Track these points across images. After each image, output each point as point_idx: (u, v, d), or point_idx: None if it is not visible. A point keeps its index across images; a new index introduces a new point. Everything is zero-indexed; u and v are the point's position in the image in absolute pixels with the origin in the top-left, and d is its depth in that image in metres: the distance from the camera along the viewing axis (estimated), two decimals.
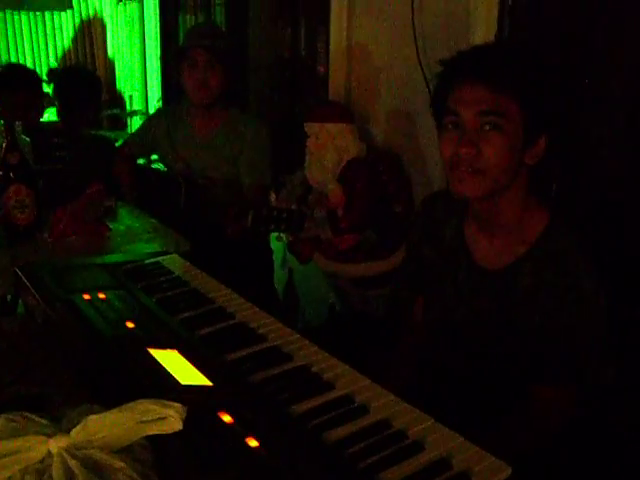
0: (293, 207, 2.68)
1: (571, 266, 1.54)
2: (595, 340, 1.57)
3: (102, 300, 1.52)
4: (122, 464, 0.97)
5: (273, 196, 2.95)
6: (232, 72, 3.07)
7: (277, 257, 3.45)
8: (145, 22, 5.77)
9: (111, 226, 2.51)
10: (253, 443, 1.05)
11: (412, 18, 2.79)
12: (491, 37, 2.44)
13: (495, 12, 2.45)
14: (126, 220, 2.66)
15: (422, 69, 2.72)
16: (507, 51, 1.58)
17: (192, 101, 3.07)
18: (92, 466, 0.96)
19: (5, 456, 0.95)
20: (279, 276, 3.56)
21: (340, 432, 1.13)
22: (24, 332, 1.69)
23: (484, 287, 1.68)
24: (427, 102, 1.68)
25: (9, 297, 2.77)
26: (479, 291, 1.69)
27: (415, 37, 2.78)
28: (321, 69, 3.61)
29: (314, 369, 1.31)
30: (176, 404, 1.00)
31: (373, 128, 3.23)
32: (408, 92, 2.93)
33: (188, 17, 5.31)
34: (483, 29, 2.48)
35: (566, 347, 1.56)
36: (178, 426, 0.99)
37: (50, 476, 0.94)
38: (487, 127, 1.49)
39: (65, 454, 0.96)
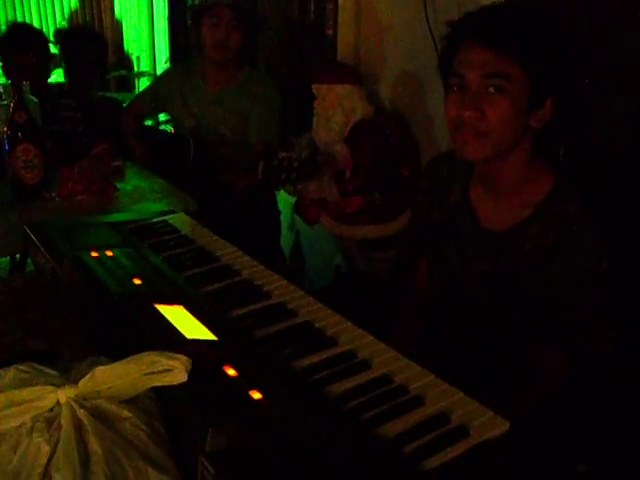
0: (304, 155, 2.69)
1: (574, 230, 1.55)
2: (595, 306, 1.59)
3: (110, 257, 1.54)
4: (129, 414, 1.00)
5: (282, 154, 2.96)
6: (252, 33, 3.09)
7: (284, 219, 3.46)
8: None
9: (118, 186, 2.53)
10: (256, 395, 1.07)
11: None
12: None
13: None
14: (134, 180, 2.67)
15: (431, 31, 2.69)
16: (513, 13, 1.56)
17: (209, 57, 3.07)
18: (100, 415, 0.99)
19: (16, 405, 0.98)
20: (286, 238, 3.59)
21: (342, 386, 1.16)
22: (33, 289, 1.72)
23: (488, 248, 1.69)
24: (435, 64, 1.67)
25: (18, 256, 2.79)
26: (483, 252, 1.70)
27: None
28: (329, 31, 3.58)
29: (318, 325, 1.34)
30: (182, 356, 1.03)
31: (381, 90, 3.22)
32: (416, 54, 2.91)
33: None
34: None
35: (566, 311, 1.58)
36: (183, 378, 1.01)
37: (59, 424, 0.97)
38: (492, 90, 1.49)
39: (73, 404, 0.99)
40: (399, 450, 1.03)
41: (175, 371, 1.01)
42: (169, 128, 3.50)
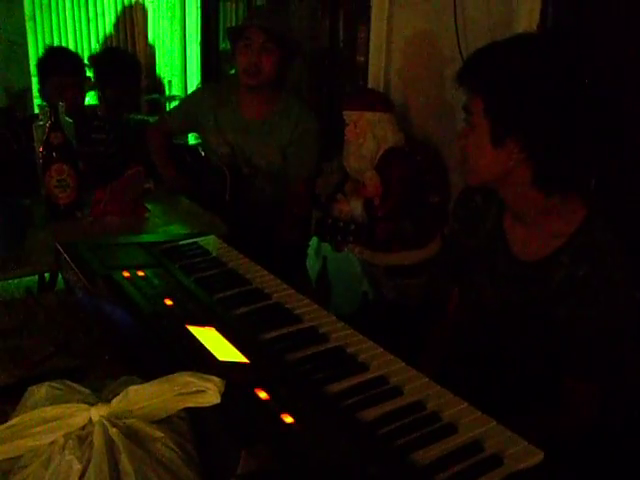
0: (360, 219, 2.67)
1: (607, 261, 1.54)
2: (628, 336, 1.56)
3: (141, 278, 1.55)
4: (161, 434, 0.99)
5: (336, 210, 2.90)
6: (288, 56, 2.94)
7: (312, 245, 3.46)
8: (186, 8, 5.82)
9: (149, 207, 2.54)
10: (288, 419, 1.06)
11: (454, 7, 2.78)
12: (533, 27, 2.42)
13: (539, 2, 2.43)
14: (165, 202, 2.68)
15: (463, 59, 2.70)
16: (488, 54, 1.58)
17: (242, 82, 2.92)
18: (132, 435, 0.98)
19: (48, 421, 0.98)
20: (313, 264, 3.58)
21: (374, 412, 1.14)
22: (63, 307, 1.73)
23: (520, 278, 1.68)
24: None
25: (47, 275, 2.81)
26: (514, 282, 1.69)
27: (456, 26, 2.77)
28: (360, 58, 3.60)
29: (349, 350, 1.33)
30: (215, 378, 1.02)
31: (411, 117, 3.23)
32: (447, 81, 2.92)
33: (229, 3, 5.33)
34: (526, 20, 2.46)
35: (598, 342, 1.56)
36: (216, 399, 1.01)
37: (91, 442, 0.97)
38: (465, 124, 1.60)
39: (106, 422, 0.98)
40: (432, 478, 1.01)
41: (208, 392, 1.01)
42: (191, 141, 3.45)
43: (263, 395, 1.11)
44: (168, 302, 1.44)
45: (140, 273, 1.57)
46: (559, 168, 1.53)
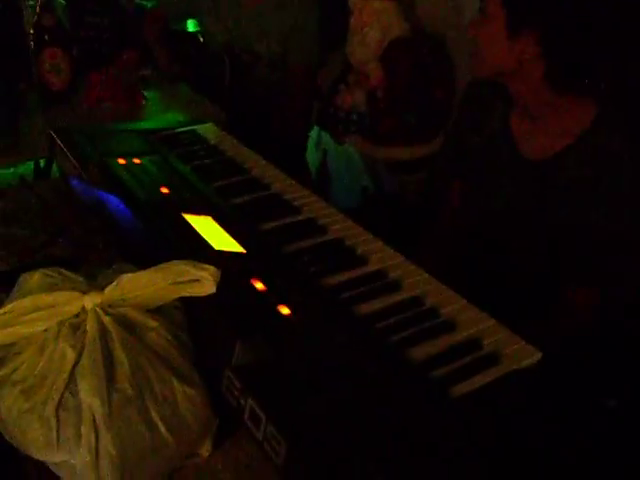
0: (363, 109, 2.60)
1: (615, 164, 1.49)
2: (630, 243, 1.54)
3: (137, 165, 1.51)
4: (155, 323, 0.98)
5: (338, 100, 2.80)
6: None
7: (312, 137, 3.40)
8: None
9: (146, 94, 2.47)
10: (285, 311, 1.05)
11: None
12: None
13: None
14: (162, 89, 2.61)
15: None
16: None
17: None
18: (125, 323, 0.97)
19: (42, 309, 0.96)
20: (312, 157, 3.52)
21: (372, 306, 1.13)
22: (58, 195, 1.70)
23: (525, 177, 1.64)
24: None
25: (42, 162, 2.76)
26: (520, 181, 1.65)
27: None
28: None
29: (348, 243, 1.30)
30: (210, 267, 1.00)
31: (418, 8, 3.10)
32: None
33: None
34: None
35: (599, 246, 1.53)
36: (212, 289, 0.99)
37: (84, 330, 0.95)
38: (481, 12, 1.54)
39: (99, 310, 0.97)
40: (428, 374, 1.00)
41: (203, 282, 0.99)
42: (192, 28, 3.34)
43: (259, 286, 1.10)
44: (164, 190, 1.40)
45: (136, 160, 1.53)
46: (573, 65, 1.48)
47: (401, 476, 0.84)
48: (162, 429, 0.91)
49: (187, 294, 1.00)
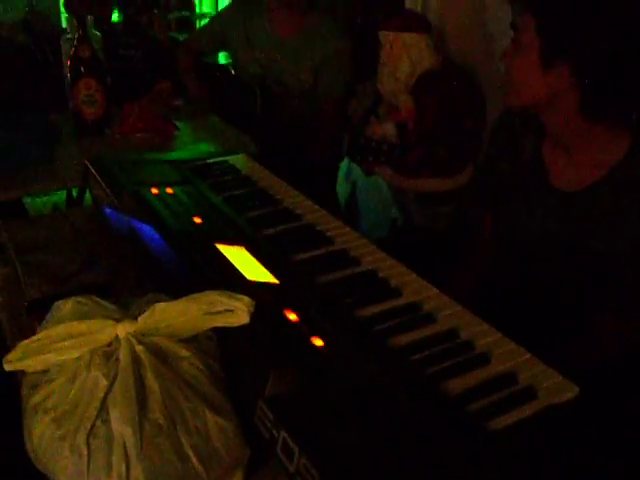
0: (394, 140, 2.60)
1: None
2: None
3: (170, 195, 1.51)
4: (188, 353, 0.97)
5: (369, 132, 2.81)
6: None
7: (342, 168, 3.40)
8: None
9: (178, 125, 2.49)
10: (318, 342, 1.04)
11: None
12: None
13: None
14: (194, 120, 2.63)
15: None
16: None
17: None
18: (158, 353, 0.96)
19: (75, 337, 0.96)
20: (342, 189, 3.53)
21: (406, 338, 1.12)
22: (91, 223, 1.71)
23: (557, 208, 1.62)
24: (506, 17, 1.62)
25: (75, 191, 2.79)
26: (552, 212, 1.63)
27: None
28: None
29: (381, 275, 1.29)
30: (244, 297, 0.99)
31: (448, 40, 3.11)
32: (486, 3, 2.80)
33: None
34: None
35: (633, 276, 1.51)
36: (245, 319, 0.98)
37: (117, 359, 0.95)
38: (514, 43, 1.52)
39: (132, 339, 0.96)
40: (464, 408, 0.98)
41: (237, 312, 0.98)
42: (222, 60, 3.38)
43: (292, 317, 1.09)
44: (197, 220, 1.40)
45: (169, 190, 1.53)
46: (608, 96, 1.46)
47: None
48: (194, 460, 0.90)
49: (220, 324, 0.99)
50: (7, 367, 0.99)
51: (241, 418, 0.97)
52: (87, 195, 2.00)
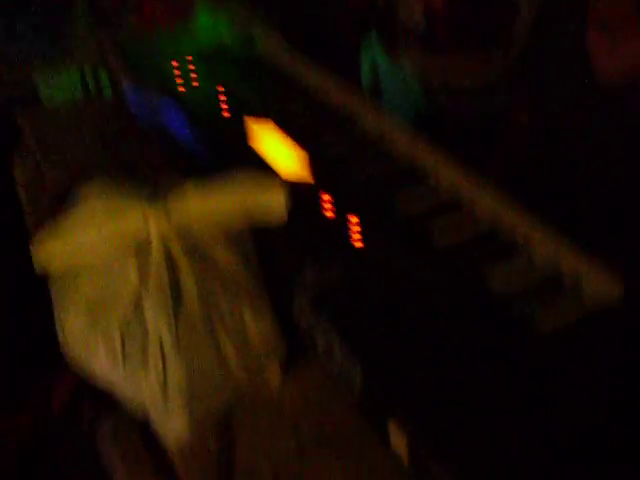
0: (421, 23, 2.47)
1: None
2: None
3: (191, 70, 1.46)
4: (223, 247, 0.93)
5: None
6: None
7: (365, 52, 3.28)
8: None
9: (197, 8, 2.39)
10: (358, 243, 1.00)
11: None
12: None
13: None
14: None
15: None
16: None
17: None
18: (193, 246, 0.92)
19: (104, 226, 0.91)
20: (365, 76, 3.41)
21: (446, 231, 1.06)
22: (110, 109, 1.65)
23: (600, 99, 1.57)
24: None
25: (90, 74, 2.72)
26: (594, 102, 1.57)
27: None
28: None
29: (418, 161, 1.21)
30: (280, 187, 0.94)
31: None
32: None
33: None
34: None
35: None
36: (282, 215, 0.93)
37: (149, 252, 0.90)
38: None
39: (164, 230, 0.91)
40: (511, 308, 0.94)
41: (274, 207, 0.93)
42: None
43: (330, 214, 1.04)
44: (221, 96, 1.34)
45: (190, 65, 1.47)
46: None
47: (481, 407, 0.80)
48: (231, 356, 0.88)
49: (257, 219, 0.94)
50: (36, 259, 0.95)
51: (279, 314, 0.94)
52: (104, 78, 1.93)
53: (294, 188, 1.02)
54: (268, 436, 0.90)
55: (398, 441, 0.76)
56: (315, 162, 1.12)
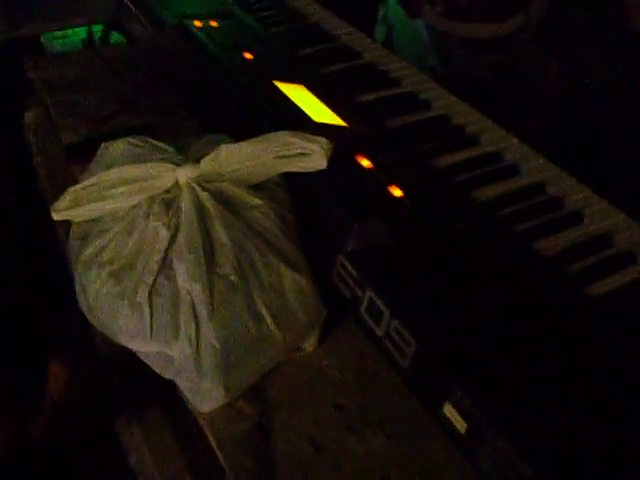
0: None
1: None
2: None
3: (215, 28, 1.36)
4: (259, 201, 0.86)
5: None
6: None
7: (380, 10, 3.18)
8: None
9: None
10: (397, 192, 0.93)
11: None
12: None
13: None
14: None
15: None
16: None
17: None
18: (225, 201, 0.85)
19: (130, 182, 0.85)
20: (379, 31, 3.31)
21: (490, 191, 1.01)
22: (126, 61, 1.56)
23: (632, 52, 1.48)
24: None
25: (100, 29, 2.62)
26: (629, 57, 1.49)
27: None
28: None
29: (455, 121, 1.17)
30: (320, 138, 0.87)
31: None
32: None
33: None
34: None
35: None
36: (322, 164, 0.86)
37: (179, 207, 0.84)
38: None
39: (195, 185, 0.85)
40: (561, 271, 0.88)
41: (313, 155, 0.86)
42: None
43: (366, 163, 0.97)
44: (248, 56, 1.26)
45: (213, 24, 1.38)
46: None
47: (534, 378, 0.73)
48: (268, 320, 0.81)
49: (295, 169, 0.87)
50: (56, 216, 0.88)
51: (317, 275, 0.87)
52: (114, 34, 1.84)
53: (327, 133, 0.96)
54: (307, 403, 0.84)
55: (455, 421, 0.69)
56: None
